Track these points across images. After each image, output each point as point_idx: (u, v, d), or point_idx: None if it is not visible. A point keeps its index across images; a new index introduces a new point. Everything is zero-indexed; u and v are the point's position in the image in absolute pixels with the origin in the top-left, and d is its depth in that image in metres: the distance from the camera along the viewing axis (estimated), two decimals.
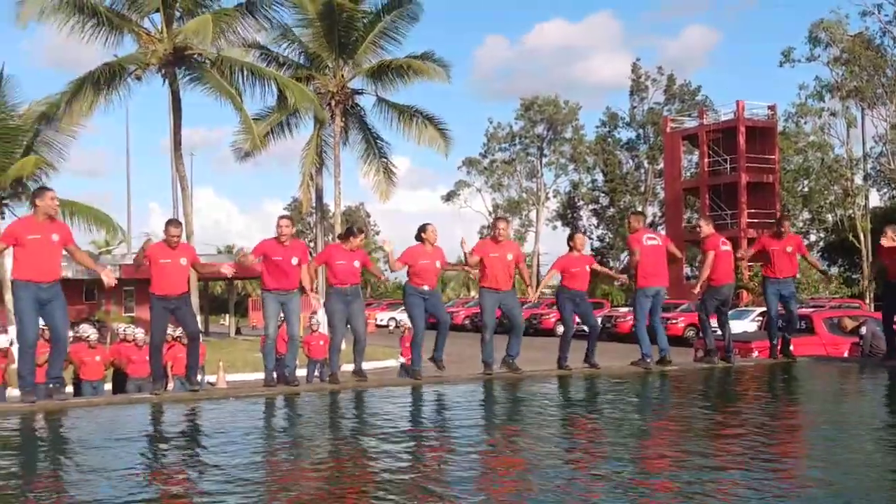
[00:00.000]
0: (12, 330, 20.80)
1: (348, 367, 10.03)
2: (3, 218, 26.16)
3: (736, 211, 45.60)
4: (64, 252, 8.33)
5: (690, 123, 51.95)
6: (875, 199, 48.81)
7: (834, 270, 47.72)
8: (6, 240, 8.22)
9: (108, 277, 8.83)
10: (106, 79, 25.15)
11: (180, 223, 9.63)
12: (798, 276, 36.15)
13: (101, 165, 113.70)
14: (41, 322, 8.34)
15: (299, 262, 9.29)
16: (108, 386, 13.85)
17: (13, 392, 10.43)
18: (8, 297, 25.06)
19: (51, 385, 8.44)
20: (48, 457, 6.44)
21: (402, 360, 15.89)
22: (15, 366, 9.47)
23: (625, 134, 65.19)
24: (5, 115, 25.93)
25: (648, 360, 10.60)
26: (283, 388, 9.30)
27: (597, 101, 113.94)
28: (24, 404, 8.02)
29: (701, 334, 11.95)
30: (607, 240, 65.42)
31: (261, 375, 9.96)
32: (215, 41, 26.27)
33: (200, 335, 10.51)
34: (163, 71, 26.36)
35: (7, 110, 26.06)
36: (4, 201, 26.44)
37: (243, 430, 7.26)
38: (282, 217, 9.40)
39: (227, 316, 45.17)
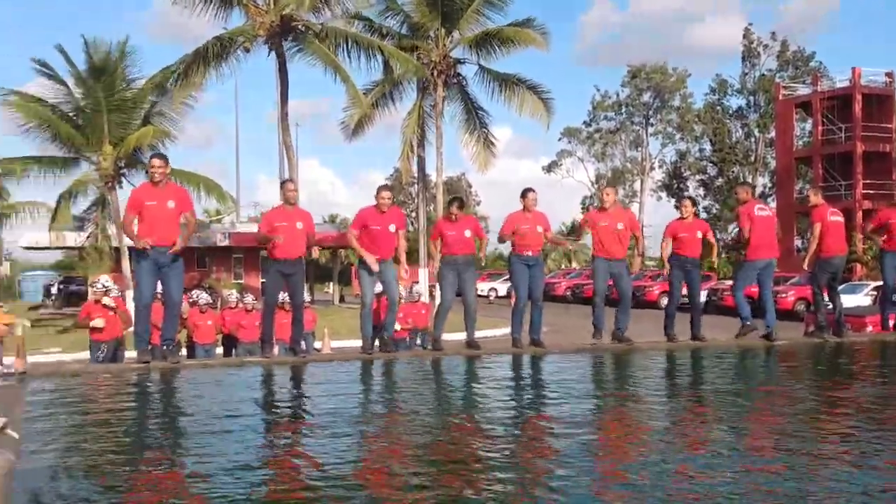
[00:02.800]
0: (129, 295, 21.79)
1: (448, 337, 10.10)
2: (122, 187, 27.27)
3: (851, 181, 43.83)
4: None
5: (804, 91, 50.02)
6: None
7: None
8: (133, 209, 8.47)
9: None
10: (216, 51, 25.86)
11: (295, 181, 9.81)
12: None
13: (211, 136, 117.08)
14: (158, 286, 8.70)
15: (396, 229, 9.40)
16: (220, 350, 14.33)
17: (131, 354, 10.90)
18: (125, 263, 26.32)
19: (165, 347, 8.77)
20: (166, 414, 6.72)
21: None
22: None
23: (735, 102, 63.34)
24: (125, 88, 26.89)
25: (749, 324, 10.33)
26: (382, 354, 9.45)
27: (708, 66, 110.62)
28: (139, 364, 8.38)
29: (812, 308, 11.56)
30: (714, 211, 63.81)
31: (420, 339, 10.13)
32: (320, 12, 26.67)
33: (304, 305, 10.72)
34: (270, 42, 26.90)
35: (126, 82, 27.01)
36: (122, 171, 27.49)
37: (346, 394, 7.42)
38: (383, 187, 9.52)
39: (331, 284, 46.02)
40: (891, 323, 11.25)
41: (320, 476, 4.69)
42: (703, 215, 62.49)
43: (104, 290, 11.53)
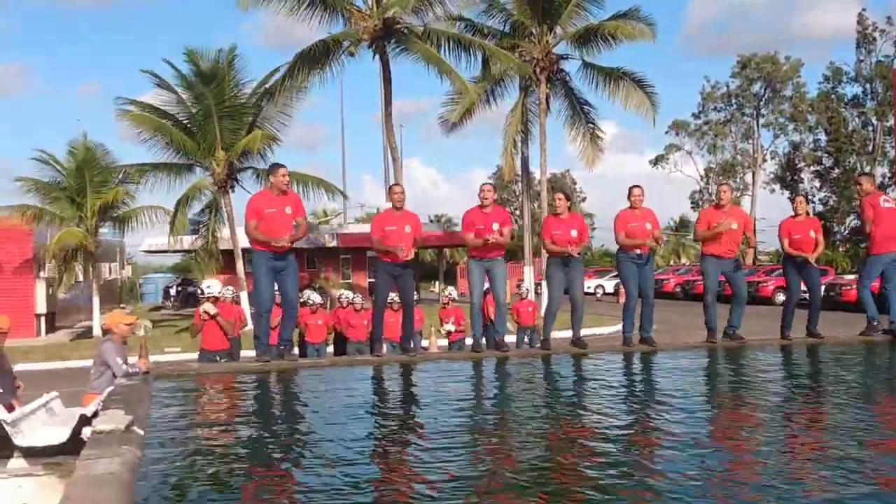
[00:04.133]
0: (243, 296, 22.39)
1: (555, 335, 10.04)
2: (234, 191, 28.10)
3: None
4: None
5: None
6: None
7: None
8: (253, 216, 8.73)
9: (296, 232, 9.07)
10: (320, 55, 26.38)
11: (401, 185, 9.95)
12: None
13: (317, 139, 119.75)
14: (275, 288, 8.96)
15: (500, 226, 9.38)
16: (330, 348, 14.61)
17: (247, 353, 11.26)
18: (239, 265, 27.11)
19: (282, 347, 9.04)
20: (283, 412, 6.90)
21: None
22: (248, 327, 10.20)
23: (850, 90, 60.84)
24: (234, 94, 27.70)
25: (876, 324, 9.95)
26: (492, 353, 9.47)
27: (819, 55, 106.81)
28: (258, 363, 8.64)
29: None
30: (831, 203, 61.48)
31: (470, 340, 10.18)
32: (421, 13, 26.91)
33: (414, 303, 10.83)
34: (373, 45, 27.28)
35: (236, 89, 27.83)
36: (234, 176, 28.32)
37: (457, 394, 7.46)
38: (484, 184, 9.54)
39: (437, 283, 46.39)
40: None
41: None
42: (820, 207, 60.36)
43: (209, 295, 11.19)
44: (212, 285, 11.45)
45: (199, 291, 11.12)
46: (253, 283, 9.01)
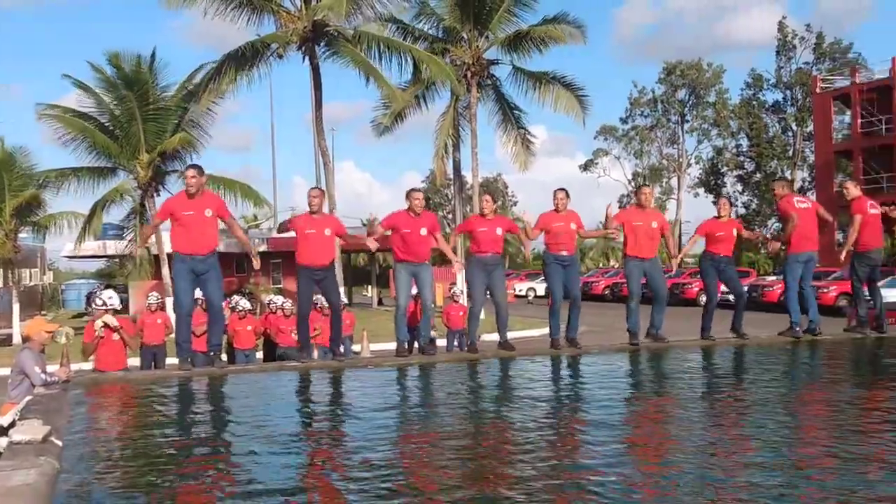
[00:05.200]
0: (170, 301, 22.00)
1: (486, 338, 10.10)
2: (159, 194, 27.63)
3: (892, 174, 43.06)
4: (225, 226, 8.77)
5: (842, 83, 49.24)
6: None
7: None
8: (160, 215, 8.70)
9: (256, 261, 9.20)
10: (248, 57, 26.13)
11: (321, 189, 9.89)
12: None
13: (247, 142, 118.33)
14: (198, 293, 8.79)
15: (429, 232, 9.40)
16: (260, 354, 14.45)
17: (172, 360, 11.00)
18: (166, 271, 26.64)
19: (211, 353, 8.88)
20: (207, 420, 6.78)
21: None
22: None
23: (771, 96, 62.66)
24: (157, 97, 27.26)
25: (798, 330, 10.25)
26: (419, 357, 9.47)
27: (746, 61, 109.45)
28: (181, 371, 8.48)
29: (854, 303, 11.39)
30: (753, 206, 63.13)
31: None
32: (352, 16, 26.86)
33: (343, 307, 10.81)
34: (303, 48, 27.13)
35: (158, 91, 27.39)
36: (158, 179, 27.84)
37: (380, 400, 7.43)
38: (414, 190, 9.54)
39: (370, 287, 46.26)
40: None
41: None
42: (742, 211, 61.91)
43: (104, 307, 9.81)
44: (113, 296, 10.21)
45: (95, 303, 9.65)
46: (172, 288, 8.81)
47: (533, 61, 30.10)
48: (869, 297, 11.02)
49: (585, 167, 68.81)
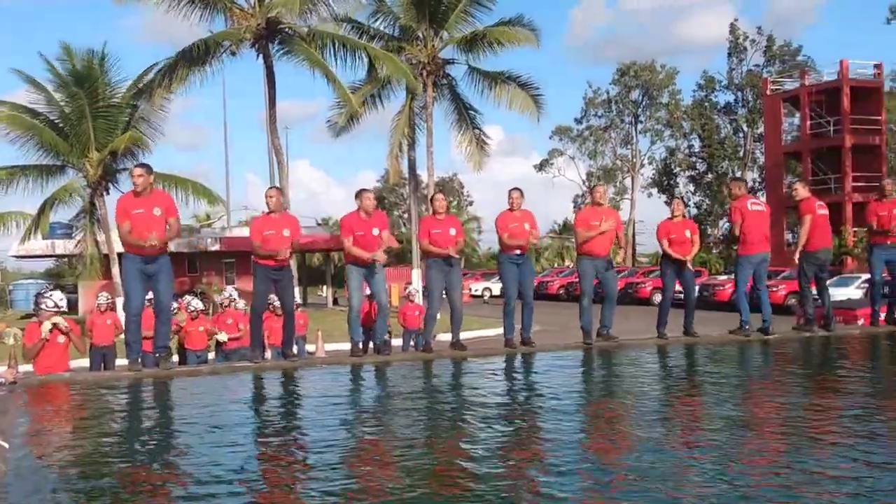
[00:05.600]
0: (120, 301, 21.67)
1: (444, 338, 10.10)
2: (108, 194, 27.19)
3: (840, 175, 43.91)
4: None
5: (791, 85, 50.04)
6: None
7: None
8: (122, 217, 8.40)
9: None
10: (200, 54, 25.80)
11: (279, 188, 9.79)
12: None
13: (201, 140, 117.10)
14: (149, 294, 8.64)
15: (380, 232, 9.35)
16: (212, 355, 14.27)
17: (123, 361, 10.82)
18: (116, 271, 26.22)
19: (158, 354, 8.72)
20: (156, 422, 6.67)
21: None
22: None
23: (722, 97, 63.52)
24: (107, 94, 26.81)
25: (748, 328, 10.39)
26: (373, 357, 9.43)
27: (699, 59, 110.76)
28: (130, 372, 8.33)
29: (801, 302, 11.58)
30: (705, 206, 63.96)
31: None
32: (306, 15, 26.67)
33: (297, 308, 10.75)
34: (256, 45, 26.88)
35: (109, 88, 26.94)
36: (109, 178, 27.39)
37: (335, 399, 7.38)
38: (365, 190, 9.50)
39: (325, 287, 46.01)
40: (882, 316, 11.26)
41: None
42: (694, 211, 62.69)
43: (55, 309, 8.86)
44: (63, 298, 9.36)
45: (46, 304, 8.76)
46: (123, 289, 8.63)
47: (488, 61, 30.18)
48: (817, 297, 11.21)
49: (541, 167, 69.11)
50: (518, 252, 9.87)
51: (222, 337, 13.19)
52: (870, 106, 44.33)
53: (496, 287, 44.39)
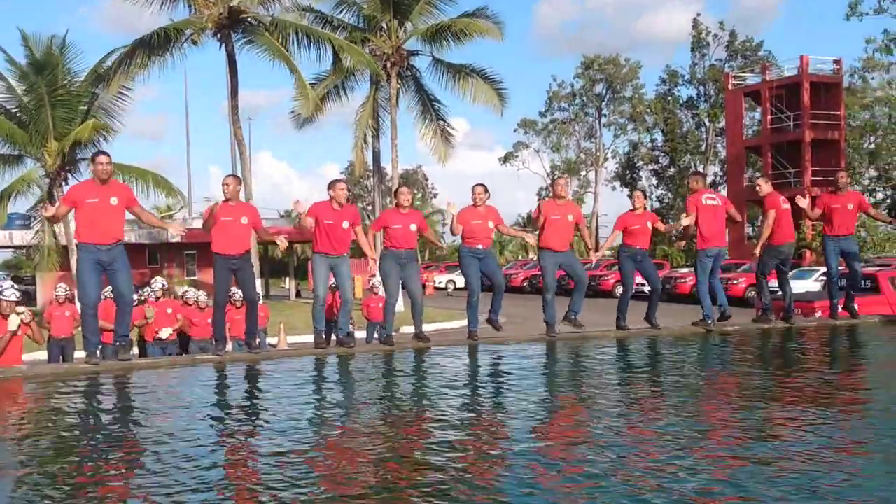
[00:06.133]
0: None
1: (408, 330, 10.09)
2: (68, 183, 26.80)
3: (799, 169, 44.50)
4: (131, 215, 8.51)
5: (753, 80, 50.59)
6: None
7: None
8: (65, 202, 8.39)
9: (176, 230, 9.05)
10: (160, 43, 25.48)
11: (237, 176, 9.72)
12: (864, 234, 35.24)
13: (162, 130, 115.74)
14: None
15: (351, 225, 9.31)
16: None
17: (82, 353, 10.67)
18: (73, 261, 25.85)
19: (118, 343, 8.57)
20: (114, 417, 6.58)
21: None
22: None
23: (685, 92, 64.05)
24: (67, 82, 26.40)
25: (710, 322, 10.50)
26: (336, 350, 9.40)
27: (663, 54, 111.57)
28: (88, 365, 8.20)
29: (759, 294, 11.73)
30: (667, 200, 64.52)
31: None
32: (269, 4, 26.45)
33: (259, 299, 10.68)
34: (218, 35, 26.60)
35: (69, 77, 26.53)
36: (68, 168, 27.00)
37: (297, 393, 7.33)
38: (338, 181, 9.41)
39: (288, 279, 45.74)
40: (839, 308, 11.44)
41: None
42: (657, 205, 63.22)
43: (14, 300, 8.82)
44: (13, 286, 9.29)
45: (4, 294, 8.67)
46: (77, 280, 8.47)
47: (453, 53, 30.27)
48: (777, 289, 11.37)
49: (505, 160, 69.24)
50: (480, 247, 9.87)
51: (164, 333, 13.07)
52: (829, 101, 44.96)
53: (461, 280, 44.47)
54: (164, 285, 13.90)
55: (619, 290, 11.38)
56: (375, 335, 15.57)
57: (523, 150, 68.65)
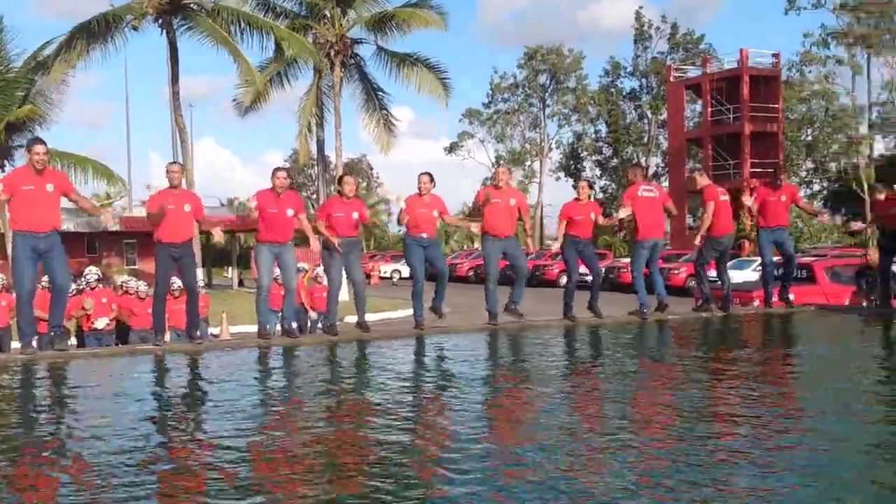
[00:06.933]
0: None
1: (353, 319, 10.06)
2: (4, 170, 26.16)
3: (739, 161, 45.29)
4: (71, 203, 8.37)
5: (694, 73, 51.32)
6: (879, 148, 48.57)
7: (837, 220, 47.53)
8: (6, 191, 8.14)
9: (107, 219, 8.86)
10: (101, 29, 24.97)
11: (180, 164, 9.59)
12: (801, 225, 35.99)
13: (103, 117, 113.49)
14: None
15: (294, 213, 9.23)
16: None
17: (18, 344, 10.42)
18: (9, 249, 25.25)
19: (52, 334, 8.39)
20: (47, 409, 6.44)
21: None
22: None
23: (628, 83, 64.64)
24: (4, 67, 25.75)
25: (645, 311, 10.67)
26: (280, 340, 9.33)
27: (608, 46, 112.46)
28: (23, 355, 8.03)
29: (698, 284, 11.95)
30: (610, 191, 65.13)
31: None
32: None
33: (199, 289, 10.56)
34: (159, 21, 26.15)
35: (6, 62, 25.87)
36: (4, 155, 26.35)
37: (238, 383, 7.26)
38: (278, 169, 9.31)
39: (230, 268, 45.20)
40: (774, 297, 11.70)
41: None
42: (600, 195, 63.82)
43: None
44: None
45: None
46: (12, 268, 8.27)
47: (397, 42, 30.07)
48: (716, 279, 11.59)
49: (451, 149, 69.21)
50: (424, 236, 9.86)
51: (100, 324, 12.84)
52: (768, 94, 45.80)
53: (405, 269, 44.47)
54: (98, 275, 13.62)
55: (564, 279, 11.49)
56: (319, 325, 15.49)
57: (468, 140, 68.74)
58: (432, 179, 9.97)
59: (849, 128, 45.04)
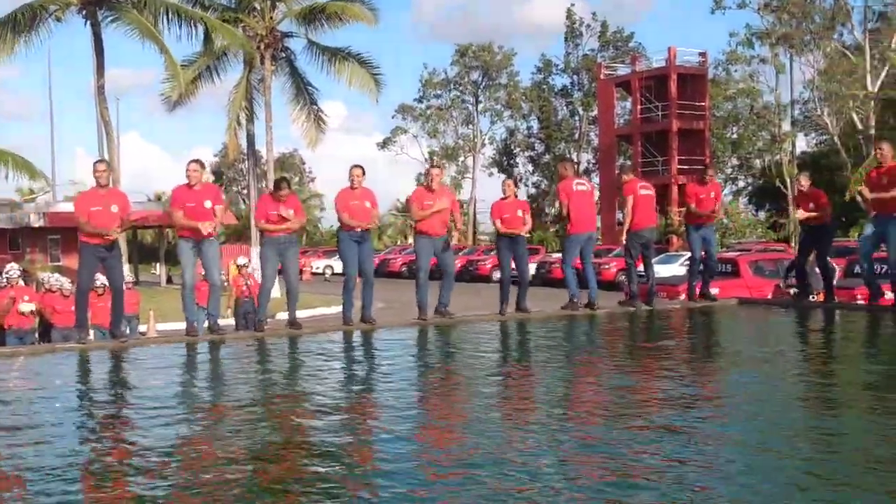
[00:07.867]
0: None
1: (284, 316, 9.99)
2: None
3: (667, 157, 46.12)
4: None
5: (624, 70, 52.09)
6: (802, 145, 49.99)
7: (761, 215, 48.74)
8: None
9: None
10: (26, 21, 24.29)
11: (107, 161, 9.38)
12: (726, 221, 36.84)
13: (26, 110, 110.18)
14: None
15: (213, 204, 9.09)
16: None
17: None
18: None
19: None
20: None
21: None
22: None
23: (560, 81, 65.20)
24: None
25: (576, 301, 10.79)
26: (205, 337, 9.21)
27: (540, 44, 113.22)
28: None
29: (627, 279, 12.14)
30: (543, 186, 65.67)
31: None
32: None
33: (129, 286, 10.36)
34: (84, 12, 25.52)
35: None
36: None
37: (166, 381, 7.15)
38: (191, 161, 9.17)
39: (158, 265, 44.41)
40: (697, 291, 11.94)
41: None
42: (533, 191, 64.35)
43: None
44: None
45: None
46: None
47: (328, 36, 29.80)
48: (642, 273, 11.77)
49: (384, 145, 68.98)
50: (358, 230, 9.81)
51: (26, 307, 12.51)
52: (695, 92, 46.72)
53: (338, 265, 44.17)
54: (19, 271, 13.24)
55: (497, 275, 11.59)
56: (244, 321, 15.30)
57: (402, 136, 68.57)
58: (364, 172, 9.94)
59: (772, 125, 46.25)
